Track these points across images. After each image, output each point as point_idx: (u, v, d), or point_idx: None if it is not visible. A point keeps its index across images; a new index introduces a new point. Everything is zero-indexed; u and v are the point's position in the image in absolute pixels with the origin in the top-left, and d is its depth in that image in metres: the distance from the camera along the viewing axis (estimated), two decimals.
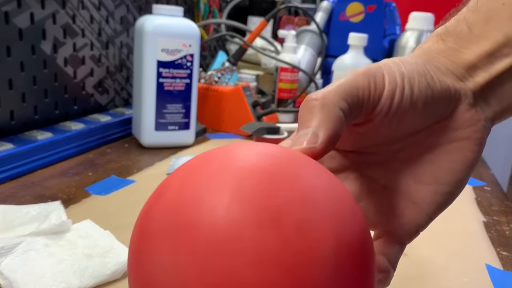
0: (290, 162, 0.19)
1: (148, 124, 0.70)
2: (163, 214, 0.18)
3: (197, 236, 0.16)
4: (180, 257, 0.16)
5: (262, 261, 0.15)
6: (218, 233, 0.16)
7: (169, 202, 0.19)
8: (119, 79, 0.85)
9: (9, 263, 0.35)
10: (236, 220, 0.16)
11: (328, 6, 1.14)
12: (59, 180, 0.56)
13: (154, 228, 0.18)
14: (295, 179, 0.18)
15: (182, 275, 0.16)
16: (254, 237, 0.16)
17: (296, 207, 0.17)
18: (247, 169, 0.18)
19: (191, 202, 0.17)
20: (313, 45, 1.11)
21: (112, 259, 0.37)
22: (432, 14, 0.96)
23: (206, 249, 0.16)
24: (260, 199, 0.16)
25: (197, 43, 0.71)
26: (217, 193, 0.17)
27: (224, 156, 0.19)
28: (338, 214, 0.18)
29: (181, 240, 0.17)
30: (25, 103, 0.64)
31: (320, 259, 0.16)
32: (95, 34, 0.76)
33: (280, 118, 0.99)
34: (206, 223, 0.16)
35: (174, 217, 0.18)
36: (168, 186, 0.20)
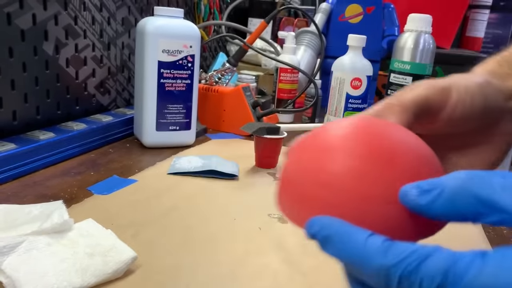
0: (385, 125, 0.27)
1: (149, 124, 0.71)
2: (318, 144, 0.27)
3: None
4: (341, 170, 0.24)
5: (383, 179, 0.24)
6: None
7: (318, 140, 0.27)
8: (120, 80, 0.85)
9: (12, 262, 0.36)
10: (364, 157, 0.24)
11: (327, 8, 1.14)
12: (61, 180, 0.57)
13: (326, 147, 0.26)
14: (392, 134, 0.26)
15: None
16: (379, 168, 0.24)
17: (398, 150, 0.25)
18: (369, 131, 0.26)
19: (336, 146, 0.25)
20: (312, 46, 1.11)
21: (113, 258, 0.38)
22: (430, 16, 0.96)
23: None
24: (378, 148, 0.25)
25: (198, 44, 0.71)
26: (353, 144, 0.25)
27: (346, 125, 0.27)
28: (424, 153, 0.26)
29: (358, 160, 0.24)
30: (28, 104, 0.64)
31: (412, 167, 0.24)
32: (97, 35, 0.77)
33: (280, 118, 0.99)
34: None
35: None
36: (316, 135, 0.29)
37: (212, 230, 0.47)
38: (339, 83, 0.78)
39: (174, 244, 0.44)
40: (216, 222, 0.49)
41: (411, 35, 0.97)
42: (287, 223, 0.50)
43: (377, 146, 0.25)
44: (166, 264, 0.40)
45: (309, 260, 0.43)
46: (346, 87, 0.77)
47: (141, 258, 0.39)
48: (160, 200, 0.53)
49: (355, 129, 0.26)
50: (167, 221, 0.48)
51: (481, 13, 1.88)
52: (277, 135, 0.68)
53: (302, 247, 0.45)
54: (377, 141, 0.25)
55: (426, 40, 0.96)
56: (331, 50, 1.14)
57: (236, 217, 0.51)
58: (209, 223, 0.49)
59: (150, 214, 0.49)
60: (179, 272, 0.39)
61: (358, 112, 0.79)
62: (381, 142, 0.25)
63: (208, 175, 0.62)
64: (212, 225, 0.48)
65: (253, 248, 0.44)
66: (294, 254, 0.44)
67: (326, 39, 1.15)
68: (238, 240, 0.46)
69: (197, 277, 0.39)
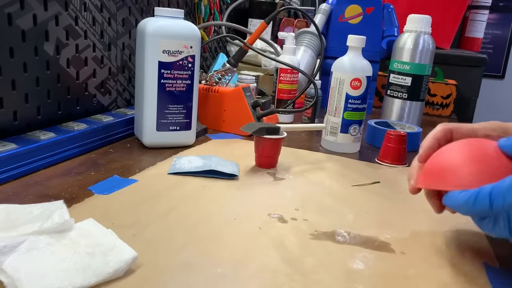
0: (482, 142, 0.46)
1: (150, 124, 0.71)
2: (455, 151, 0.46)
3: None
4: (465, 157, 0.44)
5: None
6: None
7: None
8: (121, 80, 0.85)
9: (12, 261, 0.36)
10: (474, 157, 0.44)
11: (327, 8, 1.15)
12: (62, 180, 0.57)
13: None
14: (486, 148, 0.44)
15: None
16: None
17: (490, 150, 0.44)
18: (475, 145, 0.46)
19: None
20: (312, 46, 1.12)
21: (114, 257, 0.38)
22: (429, 16, 0.96)
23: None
24: (479, 156, 0.44)
25: (198, 44, 0.71)
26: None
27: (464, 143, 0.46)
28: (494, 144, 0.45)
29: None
30: (28, 104, 0.65)
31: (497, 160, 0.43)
32: (98, 36, 0.77)
33: (280, 118, 1.00)
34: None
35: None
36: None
37: (212, 230, 0.47)
38: (339, 84, 0.78)
39: (174, 244, 0.44)
40: (216, 222, 0.49)
41: (411, 35, 0.97)
42: (287, 223, 0.51)
43: (481, 144, 0.45)
44: (166, 264, 0.40)
45: (309, 260, 0.43)
46: (346, 87, 0.78)
47: (141, 257, 0.39)
48: (160, 200, 0.53)
49: (465, 141, 0.47)
50: (167, 221, 0.48)
51: (480, 13, 1.88)
52: (277, 135, 0.68)
53: (302, 247, 0.45)
54: (480, 142, 0.46)
55: (426, 40, 0.96)
56: (331, 50, 1.14)
57: (236, 217, 0.51)
58: (209, 223, 0.49)
59: (150, 214, 0.50)
60: (179, 272, 0.39)
61: (357, 112, 0.79)
62: (482, 143, 0.45)
63: (208, 175, 0.62)
64: (212, 225, 0.49)
65: (253, 248, 0.44)
66: (294, 254, 0.44)
67: (326, 39, 1.16)
68: (238, 240, 0.46)
69: (197, 277, 0.39)
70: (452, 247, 0.48)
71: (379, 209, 0.57)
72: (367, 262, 0.44)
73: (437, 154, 0.48)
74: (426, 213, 0.57)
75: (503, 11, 2.37)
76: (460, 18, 1.71)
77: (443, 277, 0.42)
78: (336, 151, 0.80)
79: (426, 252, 0.47)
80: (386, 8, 1.18)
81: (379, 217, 0.55)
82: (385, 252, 0.46)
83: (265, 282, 0.39)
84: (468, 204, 0.38)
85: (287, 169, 0.69)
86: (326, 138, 0.82)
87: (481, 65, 1.56)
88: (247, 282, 0.39)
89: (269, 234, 0.48)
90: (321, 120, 0.90)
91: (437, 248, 0.48)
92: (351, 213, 0.55)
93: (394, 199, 0.61)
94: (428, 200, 0.50)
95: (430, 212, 0.58)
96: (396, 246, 0.47)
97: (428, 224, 0.54)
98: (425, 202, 0.51)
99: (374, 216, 0.55)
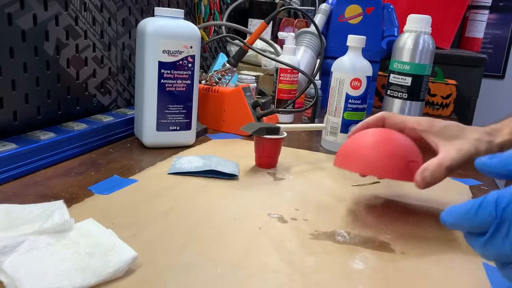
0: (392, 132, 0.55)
1: (150, 124, 0.71)
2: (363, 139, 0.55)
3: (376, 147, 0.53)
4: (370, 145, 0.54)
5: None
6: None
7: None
8: (121, 80, 0.85)
9: (12, 261, 0.36)
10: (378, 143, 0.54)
11: (327, 8, 1.15)
12: (62, 180, 0.57)
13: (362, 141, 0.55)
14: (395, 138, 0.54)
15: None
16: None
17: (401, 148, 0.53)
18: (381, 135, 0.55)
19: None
20: (312, 46, 1.12)
21: (114, 257, 0.38)
22: (429, 16, 0.96)
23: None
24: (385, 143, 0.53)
25: (198, 44, 0.71)
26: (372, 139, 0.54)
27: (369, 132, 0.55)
28: (404, 139, 0.54)
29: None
30: (28, 104, 0.65)
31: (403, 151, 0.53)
32: (98, 36, 0.77)
33: (280, 118, 1.00)
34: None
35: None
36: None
37: (212, 230, 0.47)
38: (339, 84, 0.78)
39: (174, 244, 0.44)
40: (216, 222, 0.49)
41: (411, 35, 0.97)
42: (287, 223, 0.51)
43: (385, 135, 0.53)
44: (166, 264, 0.40)
45: (309, 260, 0.43)
46: (346, 87, 0.78)
47: (141, 257, 0.39)
48: (160, 200, 0.54)
49: (378, 130, 0.55)
50: (167, 221, 0.48)
51: (480, 13, 1.88)
52: (277, 135, 0.68)
53: (302, 247, 0.46)
54: (388, 134, 0.54)
55: (426, 40, 0.96)
56: (331, 50, 1.14)
57: (236, 217, 0.51)
58: (209, 223, 0.49)
59: (150, 214, 0.50)
60: (179, 272, 0.39)
61: (357, 112, 0.79)
62: (390, 135, 0.54)
63: (208, 175, 0.62)
64: (212, 225, 0.49)
65: (253, 248, 0.44)
66: (294, 254, 0.44)
67: (326, 39, 1.15)
68: (238, 240, 0.46)
69: (197, 277, 0.39)
70: (452, 247, 0.48)
71: (379, 209, 0.57)
72: (367, 262, 0.44)
73: (353, 138, 0.56)
74: (426, 213, 0.57)
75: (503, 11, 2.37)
76: (460, 18, 1.71)
77: (443, 277, 0.42)
78: (336, 151, 0.80)
79: (426, 252, 0.47)
80: (386, 8, 1.18)
81: (379, 217, 0.55)
82: (385, 252, 0.46)
83: (265, 282, 0.39)
84: (470, 213, 0.35)
85: (287, 169, 0.69)
86: (326, 138, 0.82)
87: (481, 65, 1.56)
88: (247, 282, 0.39)
89: (269, 234, 0.48)
90: (321, 120, 0.90)
91: (437, 248, 0.48)
92: (351, 213, 0.55)
93: (394, 199, 0.61)
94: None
95: (430, 212, 0.58)
96: (396, 246, 0.47)
97: (428, 224, 0.54)
98: (425, 202, 0.51)
99: (374, 216, 0.55)
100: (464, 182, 0.70)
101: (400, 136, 0.54)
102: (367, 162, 0.52)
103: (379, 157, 0.52)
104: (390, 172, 0.52)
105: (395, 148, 0.52)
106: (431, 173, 0.50)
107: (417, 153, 0.53)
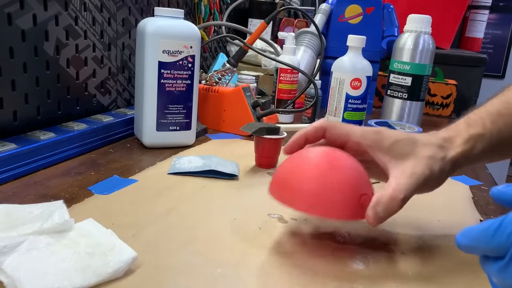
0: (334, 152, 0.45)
1: (150, 124, 0.71)
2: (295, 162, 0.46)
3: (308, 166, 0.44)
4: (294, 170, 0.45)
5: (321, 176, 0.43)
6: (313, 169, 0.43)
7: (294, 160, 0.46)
8: (121, 80, 0.85)
9: (12, 261, 0.36)
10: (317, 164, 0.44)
11: (327, 8, 1.15)
12: (61, 180, 0.57)
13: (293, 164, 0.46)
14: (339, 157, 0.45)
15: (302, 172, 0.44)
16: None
17: (345, 165, 0.44)
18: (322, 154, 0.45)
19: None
20: (312, 46, 1.12)
21: (114, 257, 0.38)
22: (429, 16, 0.96)
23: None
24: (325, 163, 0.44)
25: (198, 44, 0.71)
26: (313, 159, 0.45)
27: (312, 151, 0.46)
28: (352, 171, 0.44)
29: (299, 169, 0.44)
30: (28, 104, 0.65)
31: (344, 175, 0.43)
32: (97, 36, 0.77)
33: (280, 118, 1.00)
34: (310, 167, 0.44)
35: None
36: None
37: (212, 230, 0.47)
38: (339, 84, 0.78)
39: (174, 244, 0.44)
40: (216, 222, 0.49)
41: (411, 35, 0.97)
42: (287, 223, 0.51)
43: (330, 162, 0.43)
44: (166, 264, 0.40)
45: (309, 260, 0.43)
46: (346, 87, 0.78)
47: (141, 258, 0.39)
48: (160, 200, 0.53)
49: (321, 153, 0.45)
50: (167, 221, 0.48)
51: (480, 13, 1.88)
52: (277, 135, 0.68)
53: (302, 247, 0.45)
54: (331, 160, 0.44)
55: (426, 40, 0.96)
56: (331, 50, 1.14)
57: (236, 217, 0.51)
58: (209, 223, 0.49)
59: (150, 214, 0.50)
60: (179, 272, 0.39)
61: (357, 112, 0.79)
62: (337, 162, 0.44)
63: (208, 175, 0.62)
64: (212, 225, 0.49)
65: (253, 248, 0.44)
66: (294, 254, 0.44)
67: (326, 39, 1.15)
68: (238, 240, 0.46)
69: (197, 277, 0.39)
70: (452, 247, 0.48)
71: None
72: (367, 262, 0.44)
73: (291, 161, 0.46)
74: (426, 213, 0.57)
75: (503, 11, 2.37)
76: (460, 18, 1.71)
77: (443, 277, 0.42)
78: None
79: (426, 252, 0.47)
80: (386, 8, 1.18)
81: None
82: (385, 252, 0.46)
83: (265, 282, 0.39)
84: (487, 234, 0.31)
85: None
86: None
87: (481, 65, 1.56)
88: (247, 282, 0.39)
89: (269, 234, 0.48)
90: None
91: (437, 248, 0.48)
92: None
93: None
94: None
95: (430, 212, 0.58)
96: (396, 246, 0.47)
97: (428, 224, 0.54)
98: (425, 202, 0.51)
99: None
100: (464, 182, 0.70)
101: (347, 160, 0.44)
102: (308, 199, 0.41)
103: (324, 192, 0.41)
104: (338, 212, 0.41)
105: (344, 180, 0.42)
106: (385, 208, 0.42)
107: (367, 182, 0.45)
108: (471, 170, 0.76)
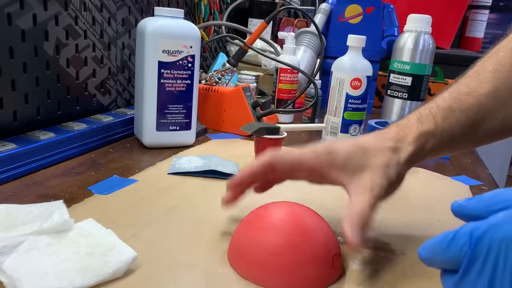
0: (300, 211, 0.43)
1: (150, 124, 0.71)
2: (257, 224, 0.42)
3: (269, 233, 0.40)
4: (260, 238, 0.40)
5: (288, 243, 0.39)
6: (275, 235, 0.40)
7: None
8: (121, 80, 0.85)
9: (12, 261, 0.36)
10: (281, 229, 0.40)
11: (327, 8, 1.15)
12: (61, 180, 0.57)
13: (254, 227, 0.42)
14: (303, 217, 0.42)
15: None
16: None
17: (313, 230, 0.41)
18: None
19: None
20: (312, 46, 1.12)
21: (114, 257, 0.38)
22: (429, 16, 0.96)
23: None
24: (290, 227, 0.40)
25: (198, 44, 0.71)
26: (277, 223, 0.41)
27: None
28: (321, 232, 0.41)
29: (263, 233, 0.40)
30: (28, 104, 0.65)
31: (310, 240, 0.39)
32: (97, 36, 0.77)
33: (280, 118, 1.00)
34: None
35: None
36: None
37: (212, 230, 0.47)
38: (339, 83, 0.78)
39: (174, 244, 0.44)
40: (216, 222, 0.49)
41: (411, 35, 0.97)
42: None
43: (301, 228, 0.40)
44: (166, 264, 0.40)
45: None
46: (346, 87, 0.78)
47: (141, 257, 0.39)
48: (160, 200, 0.53)
49: (286, 215, 0.41)
50: (167, 221, 0.48)
51: (480, 13, 1.88)
52: (277, 135, 0.68)
53: None
54: (301, 225, 0.40)
55: (426, 40, 0.96)
56: (331, 50, 1.14)
57: (236, 217, 0.51)
58: (209, 223, 0.49)
59: (150, 214, 0.50)
60: (179, 272, 0.39)
61: (357, 112, 0.79)
62: (303, 225, 0.40)
63: (208, 175, 0.62)
64: (212, 225, 0.49)
65: None
66: None
67: (326, 39, 1.15)
68: None
69: (197, 277, 0.39)
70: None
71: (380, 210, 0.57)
72: (367, 262, 0.44)
73: (248, 225, 0.42)
74: (426, 213, 0.57)
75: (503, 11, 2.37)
76: (460, 18, 1.71)
77: None
78: None
79: None
80: (386, 8, 1.18)
81: (379, 217, 0.54)
82: (385, 252, 0.46)
83: None
84: (442, 246, 0.29)
85: None
86: (326, 138, 0.82)
87: None
88: (247, 282, 0.39)
89: None
90: (321, 120, 0.90)
91: None
92: None
93: (394, 199, 0.61)
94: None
95: (430, 212, 0.58)
96: (396, 246, 0.47)
97: (428, 224, 0.54)
98: (425, 202, 0.51)
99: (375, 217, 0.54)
100: (464, 182, 0.70)
101: (314, 220, 0.41)
102: (279, 276, 0.38)
103: (298, 268, 0.38)
104: (313, 285, 0.38)
105: (318, 250, 0.39)
106: (359, 229, 0.39)
107: (334, 237, 0.42)
108: (471, 170, 0.76)
